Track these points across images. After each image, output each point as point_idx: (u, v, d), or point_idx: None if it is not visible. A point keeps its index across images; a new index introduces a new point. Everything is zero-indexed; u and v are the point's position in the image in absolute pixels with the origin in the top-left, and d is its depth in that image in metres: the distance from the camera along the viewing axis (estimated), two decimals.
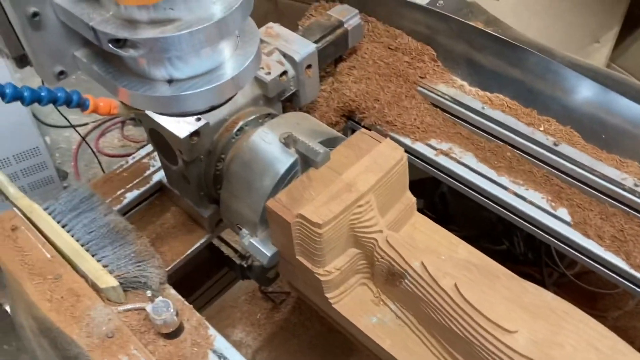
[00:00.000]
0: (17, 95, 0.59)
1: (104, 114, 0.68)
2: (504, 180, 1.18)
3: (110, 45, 0.62)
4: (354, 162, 0.96)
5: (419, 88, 1.31)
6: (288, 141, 0.98)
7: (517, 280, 0.91)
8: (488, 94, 1.26)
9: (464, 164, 1.21)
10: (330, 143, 1.02)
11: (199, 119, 1.00)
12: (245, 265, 1.33)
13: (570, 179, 1.14)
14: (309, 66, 1.19)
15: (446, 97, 1.28)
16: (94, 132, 2.67)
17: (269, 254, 0.98)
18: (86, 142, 2.22)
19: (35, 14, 0.66)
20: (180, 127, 0.99)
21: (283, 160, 0.97)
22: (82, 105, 0.65)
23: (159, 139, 1.05)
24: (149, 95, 0.67)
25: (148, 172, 1.24)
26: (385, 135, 1.27)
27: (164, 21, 0.62)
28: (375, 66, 1.34)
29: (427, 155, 1.23)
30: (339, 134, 1.07)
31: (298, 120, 1.06)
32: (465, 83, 1.30)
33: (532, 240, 1.66)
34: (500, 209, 1.17)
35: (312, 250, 0.90)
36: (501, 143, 1.21)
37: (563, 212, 1.12)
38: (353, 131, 1.38)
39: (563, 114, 1.19)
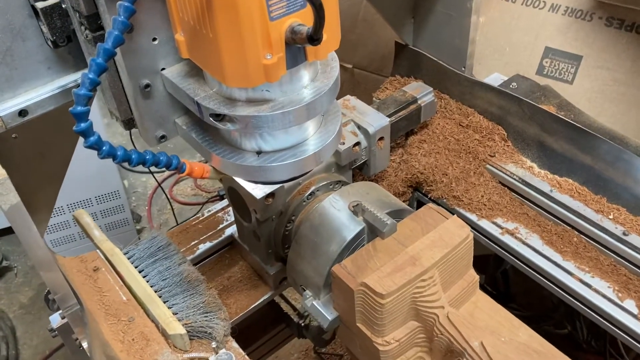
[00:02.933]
0: (126, 157, 0.66)
1: (197, 177, 0.75)
2: (570, 265, 1.17)
3: (211, 119, 0.69)
4: (420, 236, 0.98)
5: (488, 166, 1.33)
6: (357, 210, 1.02)
7: None
8: (557, 177, 1.27)
9: (529, 245, 1.21)
10: (397, 215, 1.05)
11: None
12: (302, 324, 1.36)
13: (639, 270, 1.12)
14: (381, 138, 1.25)
15: (515, 177, 1.30)
16: (170, 180, 2.81)
17: (330, 318, 1.01)
18: (162, 189, 2.34)
19: (147, 86, 0.74)
20: (257, 188, 1.05)
21: (351, 227, 1.01)
22: (179, 168, 0.72)
23: (236, 196, 1.11)
24: (239, 163, 0.73)
25: (221, 226, 1.31)
26: (452, 210, 1.30)
27: (260, 101, 0.68)
28: (445, 141, 1.38)
29: (492, 233, 1.24)
30: (407, 206, 1.10)
31: (367, 189, 1.10)
32: (534, 165, 1.31)
33: (596, 327, 1.60)
34: (564, 293, 1.16)
35: (373, 319, 0.93)
36: (568, 227, 1.21)
37: (630, 304, 1.10)
38: (419, 203, 1.41)
39: (634, 203, 1.18)
